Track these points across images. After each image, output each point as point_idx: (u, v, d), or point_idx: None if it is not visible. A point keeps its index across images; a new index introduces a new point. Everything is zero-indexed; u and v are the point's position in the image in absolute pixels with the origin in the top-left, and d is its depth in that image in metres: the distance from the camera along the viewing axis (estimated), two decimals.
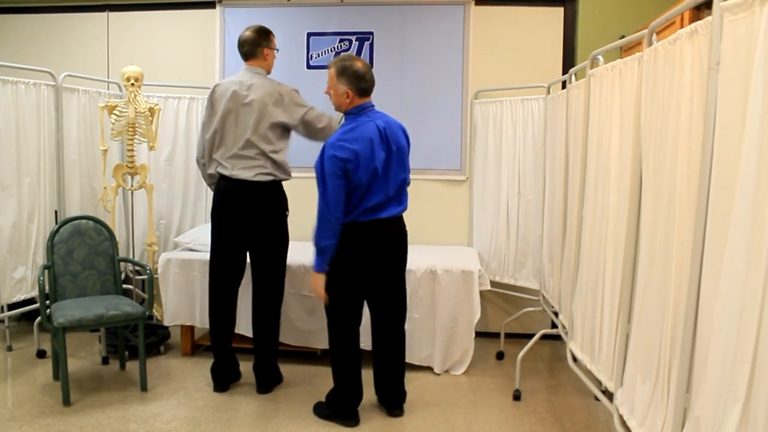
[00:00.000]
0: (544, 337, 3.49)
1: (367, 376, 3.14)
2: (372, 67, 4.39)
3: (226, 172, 3.25)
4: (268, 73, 3.37)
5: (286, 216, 3.40)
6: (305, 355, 3.88)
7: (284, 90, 3.28)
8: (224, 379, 3.45)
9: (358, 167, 2.80)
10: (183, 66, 4.66)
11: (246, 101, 3.21)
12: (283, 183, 3.37)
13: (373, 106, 2.98)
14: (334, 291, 3.00)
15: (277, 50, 3.42)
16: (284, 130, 3.31)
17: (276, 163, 3.27)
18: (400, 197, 3.01)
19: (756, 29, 1.38)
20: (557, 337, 3.55)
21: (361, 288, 3.03)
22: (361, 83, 2.88)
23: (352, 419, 3.05)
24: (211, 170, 3.35)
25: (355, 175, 2.81)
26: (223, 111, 3.24)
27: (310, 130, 3.33)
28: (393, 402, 3.17)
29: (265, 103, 3.20)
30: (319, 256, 2.89)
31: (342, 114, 3.02)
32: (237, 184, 3.23)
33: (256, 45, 3.30)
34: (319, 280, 2.94)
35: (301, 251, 3.54)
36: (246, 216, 3.26)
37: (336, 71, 2.88)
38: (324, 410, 3.12)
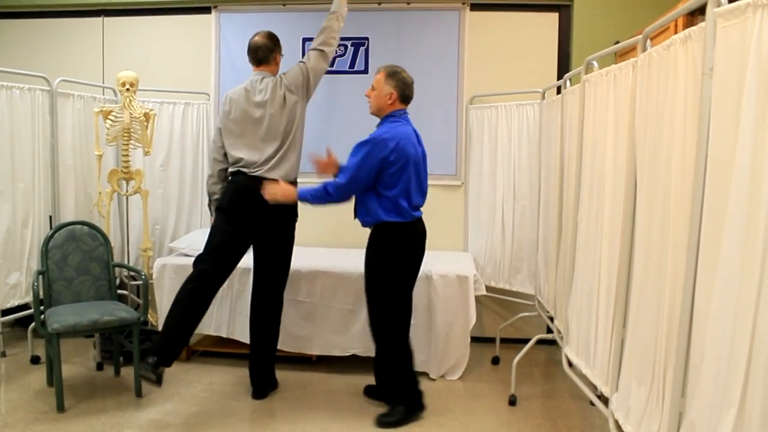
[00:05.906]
0: (540, 342, 3.49)
1: (367, 379, 3.13)
2: (367, 72, 4.46)
3: (247, 170, 3.24)
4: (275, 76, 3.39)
5: (296, 220, 3.41)
6: (300, 361, 3.87)
7: (284, 74, 3.34)
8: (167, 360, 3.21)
9: (399, 159, 2.95)
10: (178, 71, 4.66)
11: (263, 101, 3.24)
12: None
13: (407, 114, 3.15)
14: (388, 288, 3.07)
15: (282, 55, 3.45)
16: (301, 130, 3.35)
17: (296, 164, 3.33)
18: (425, 200, 3.21)
19: (749, 35, 1.39)
20: (553, 342, 3.54)
21: (409, 282, 3.20)
22: (406, 90, 3.09)
23: (421, 407, 3.17)
24: (228, 167, 3.34)
25: (396, 167, 2.96)
26: (241, 114, 3.27)
27: (322, 41, 3.39)
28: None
29: (282, 98, 3.25)
30: (309, 198, 3.08)
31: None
32: (258, 181, 3.21)
33: (270, 51, 3.35)
34: (289, 194, 3.10)
35: (295, 256, 3.53)
36: (261, 214, 3.23)
37: (386, 74, 3.09)
38: (393, 416, 3.08)
